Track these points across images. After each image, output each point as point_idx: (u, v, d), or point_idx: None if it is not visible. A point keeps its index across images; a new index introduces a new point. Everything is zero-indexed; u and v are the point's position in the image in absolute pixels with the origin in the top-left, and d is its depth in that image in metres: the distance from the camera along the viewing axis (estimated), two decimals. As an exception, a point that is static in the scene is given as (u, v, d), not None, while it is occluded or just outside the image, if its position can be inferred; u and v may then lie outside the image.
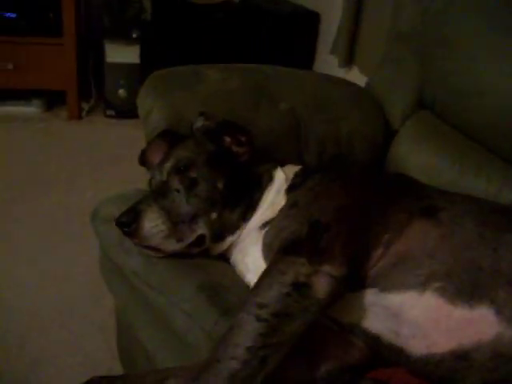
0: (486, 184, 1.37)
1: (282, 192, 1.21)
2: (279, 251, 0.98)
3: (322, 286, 0.90)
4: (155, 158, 1.28)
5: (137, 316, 1.29)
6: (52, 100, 3.41)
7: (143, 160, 1.34)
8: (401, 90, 1.61)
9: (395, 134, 1.61)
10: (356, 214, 1.05)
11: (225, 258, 1.22)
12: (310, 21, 3.25)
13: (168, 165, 1.20)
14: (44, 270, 2.14)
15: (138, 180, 1.38)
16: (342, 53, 2.86)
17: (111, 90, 3.31)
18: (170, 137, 1.30)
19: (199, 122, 1.32)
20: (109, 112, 3.37)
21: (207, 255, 1.20)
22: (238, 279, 1.15)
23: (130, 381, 0.99)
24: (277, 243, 1.02)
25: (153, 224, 1.10)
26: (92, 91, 3.46)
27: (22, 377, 1.71)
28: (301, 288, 0.90)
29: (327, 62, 3.08)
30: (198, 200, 1.15)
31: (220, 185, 1.18)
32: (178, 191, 1.16)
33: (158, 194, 1.16)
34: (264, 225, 1.16)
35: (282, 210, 1.15)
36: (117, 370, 1.67)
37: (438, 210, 1.04)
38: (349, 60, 2.86)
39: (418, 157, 1.51)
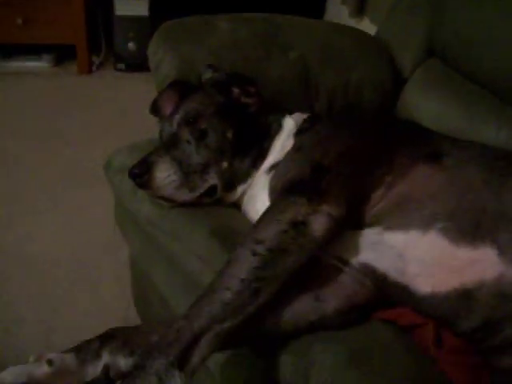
0: (495, 131, 1.37)
1: (291, 137, 1.22)
2: (281, 192, 1.00)
3: (319, 224, 0.93)
4: (166, 107, 1.29)
5: (151, 262, 1.33)
6: (62, 54, 3.39)
7: (154, 109, 1.34)
8: (411, 38, 1.60)
9: (405, 82, 1.61)
10: (359, 158, 1.06)
11: (237, 207, 1.24)
12: (321, -31, 3.20)
13: (178, 116, 1.22)
14: (60, 221, 2.19)
15: (149, 132, 1.39)
16: (352, 3, 2.81)
17: (121, 43, 3.29)
18: (181, 87, 1.31)
19: (207, 74, 1.33)
20: (119, 65, 3.35)
21: (220, 205, 1.22)
22: (249, 224, 1.16)
23: (144, 331, 1.02)
24: (280, 185, 1.05)
25: (165, 174, 1.12)
26: (102, 45, 3.44)
27: (42, 322, 1.76)
28: (298, 226, 0.92)
29: (338, 12, 3.03)
30: (208, 150, 1.17)
31: (229, 135, 1.19)
32: (188, 142, 1.18)
33: (169, 145, 1.18)
34: (271, 169, 1.18)
35: (288, 154, 1.17)
36: (132, 318, 1.71)
37: (443, 156, 1.05)
38: (360, 10, 2.82)
39: (427, 104, 1.51)
